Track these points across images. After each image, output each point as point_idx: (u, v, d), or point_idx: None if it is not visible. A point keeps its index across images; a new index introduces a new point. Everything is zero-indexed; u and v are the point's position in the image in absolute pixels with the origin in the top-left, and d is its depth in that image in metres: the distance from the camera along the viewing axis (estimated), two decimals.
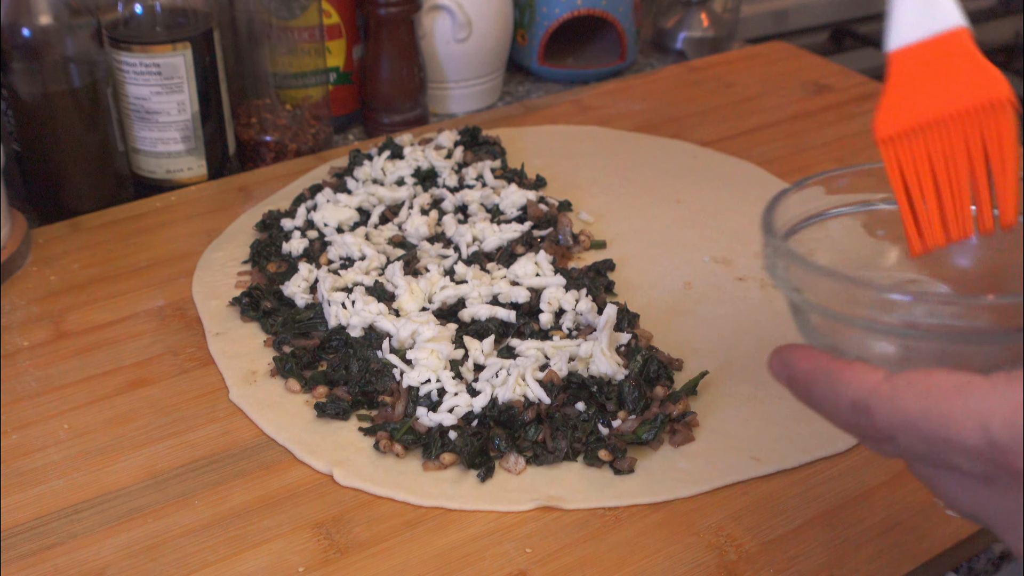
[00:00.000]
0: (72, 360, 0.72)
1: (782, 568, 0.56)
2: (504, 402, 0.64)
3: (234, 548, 0.58)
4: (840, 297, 0.42)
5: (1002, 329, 0.39)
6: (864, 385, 0.39)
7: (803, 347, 0.42)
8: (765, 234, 0.47)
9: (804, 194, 0.49)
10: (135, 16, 0.86)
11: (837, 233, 0.50)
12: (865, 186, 0.50)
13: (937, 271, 0.49)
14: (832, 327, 0.43)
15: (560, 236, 0.81)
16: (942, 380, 0.37)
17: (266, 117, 0.96)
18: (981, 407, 0.36)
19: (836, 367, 0.40)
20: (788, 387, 0.42)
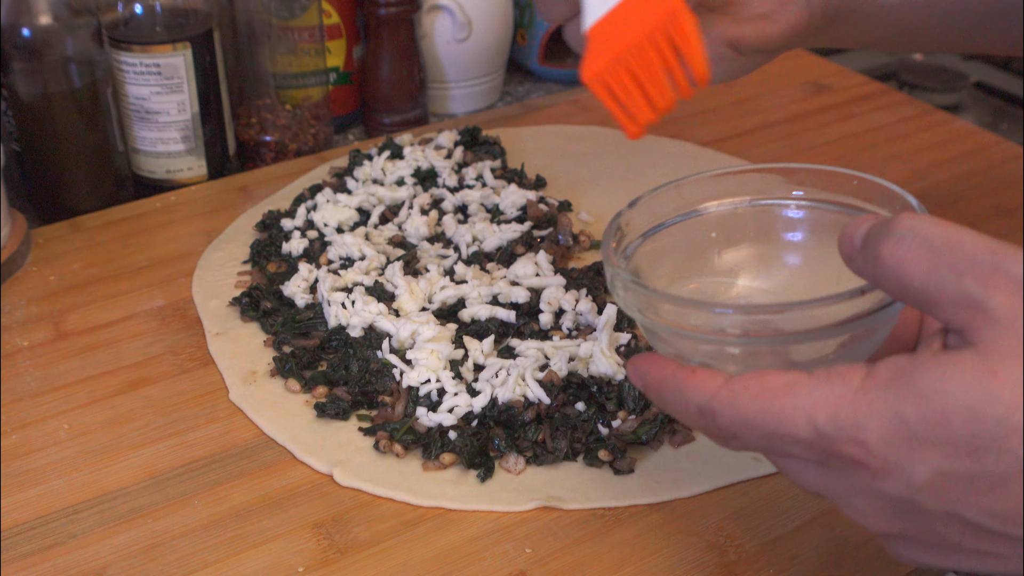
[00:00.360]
0: (72, 360, 0.72)
1: (782, 568, 0.56)
2: (504, 402, 0.64)
3: (234, 548, 0.58)
4: (673, 314, 0.46)
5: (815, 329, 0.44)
6: (706, 391, 0.43)
7: (653, 357, 0.46)
8: (604, 258, 0.51)
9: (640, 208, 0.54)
10: (135, 16, 0.86)
11: (675, 240, 0.54)
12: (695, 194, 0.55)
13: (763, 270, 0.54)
14: (673, 338, 0.47)
15: (560, 236, 0.81)
16: (772, 381, 0.42)
17: (266, 117, 0.96)
18: (807, 403, 0.40)
19: (681, 375, 0.45)
20: (644, 392, 0.47)
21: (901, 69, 1.39)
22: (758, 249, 0.54)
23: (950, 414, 0.38)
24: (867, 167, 0.93)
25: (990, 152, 0.96)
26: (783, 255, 0.54)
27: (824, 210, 0.53)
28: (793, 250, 0.54)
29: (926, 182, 0.91)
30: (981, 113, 1.38)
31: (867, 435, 0.39)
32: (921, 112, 1.03)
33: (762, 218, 0.54)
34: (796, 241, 0.54)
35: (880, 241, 0.41)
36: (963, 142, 0.97)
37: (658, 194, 0.54)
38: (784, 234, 0.54)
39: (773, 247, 0.54)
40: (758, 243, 0.55)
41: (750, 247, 0.55)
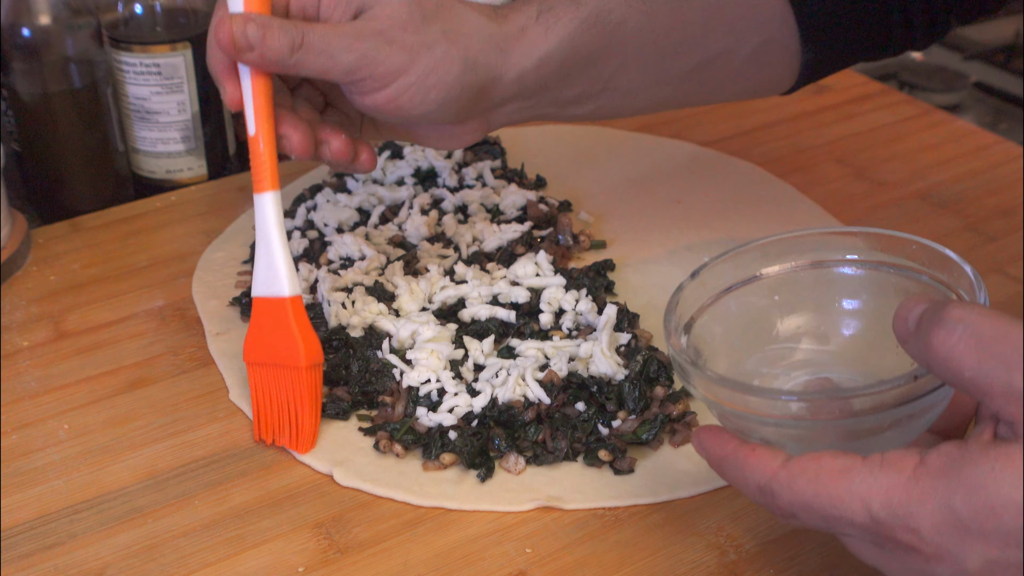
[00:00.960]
0: (72, 360, 0.72)
1: (782, 568, 0.56)
2: (504, 402, 0.64)
3: (234, 548, 0.58)
4: (734, 397, 0.49)
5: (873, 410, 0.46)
6: (766, 471, 0.46)
7: (716, 432, 0.49)
8: (666, 339, 0.53)
9: (700, 280, 0.56)
10: (135, 16, 0.86)
11: (735, 308, 0.56)
12: (753, 261, 0.56)
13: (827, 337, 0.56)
14: (734, 418, 0.50)
15: (560, 236, 0.81)
16: (828, 465, 0.44)
17: None
18: (862, 490, 0.43)
19: (743, 453, 0.47)
20: (708, 463, 0.50)
21: (901, 69, 1.39)
22: (818, 312, 0.56)
23: (999, 508, 0.40)
24: (867, 167, 0.93)
25: (990, 152, 0.96)
26: (844, 317, 0.56)
27: (883, 272, 0.54)
28: (854, 312, 0.55)
29: (926, 182, 0.91)
30: (981, 113, 1.38)
31: (919, 523, 0.42)
32: (921, 112, 1.03)
33: (821, 281, 0.56)
34: (856, 303, 0.55)
35: (931, 329, 0.43)
36: (963, 142, 0.97)
37: (717, 264, 0.56)
38: (844, 296, 0.56)
39: (833, 309, 0.56)
40: (818, 306, 0.56)
41: (810, 310, 0.56)
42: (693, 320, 0.55)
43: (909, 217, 0.86)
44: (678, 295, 0.54)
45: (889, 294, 0.54)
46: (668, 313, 0.54)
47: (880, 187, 0.91)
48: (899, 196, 0.89)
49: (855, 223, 0.85)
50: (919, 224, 0.85)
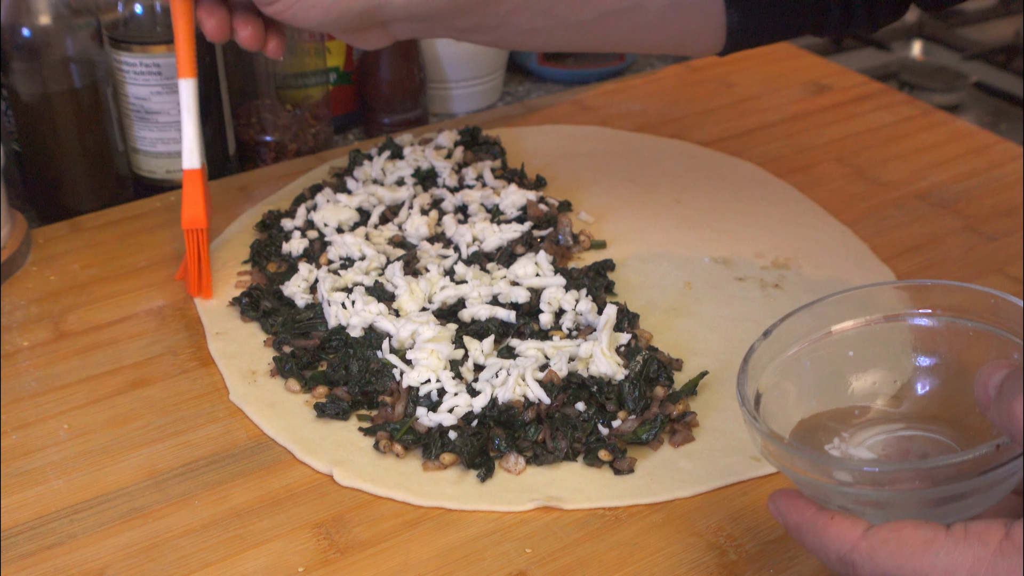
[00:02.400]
0: (72, 360, 0.72)
1: (782, 568, 0.56)
2: (504, 402, 0.64)
3: (234, 548, 0.58)
4: (809, 466, 0.48)
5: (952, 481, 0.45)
6: (846, 541, 0.45)
7: (794, 497, 0.48)
8: (740, 405, 0.51)
9: (773, 338, 0.54)
10: (135, 16, 0.86)
11: (809, 365, 0.55)
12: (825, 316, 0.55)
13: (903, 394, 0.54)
14: (812, 488, 0.48)
15: (560, 236, 0.81)
16: (911, 536, 0.44)
17: (266, 117, 0.96)
18: (946, 564, 0.42)
19: (821, 522, 0.46)
20: (785, 528, 0.49)
21: (901, 69, 1.39)
22: (893, 368, 0.55)
23: None
24: (867, 167, 0.93)
25: (990, 152, 0.96)
26: (919, 373, 0.54)
27: (960, 327, 0.53)
28: (929, 368, 0.54)
29: (926, 182, 0.91)
30: (981, 113, 1.38)
31: None
32: (921, 112, 1.03)
33: (895, 336, 0.55)
34: (931, 359, 0.54)
35: (1014, 396, 0.42)
36: (963, 142, 0.97)
37: (788, 322, 0.54)
38: (919, 351, 0.54)
39: (908, 365, 0.54)
40: (893, 362, 0.55)
41: (885, 367, 0.55)
42: (763, 384, 0.54)
43: (909, 217, 0.86)
44: (751, 355, 0.53)
45: (965, 349, 0.53)
46: (741, 376, 0.52)
47: (880, 187, 0.91)
48: (899, 196, 0.89)
49: (855, 223, 0.85)
50: (919, 224, 0.85)
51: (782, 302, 0.76)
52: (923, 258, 0.81)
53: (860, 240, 0.83)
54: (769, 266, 0.80)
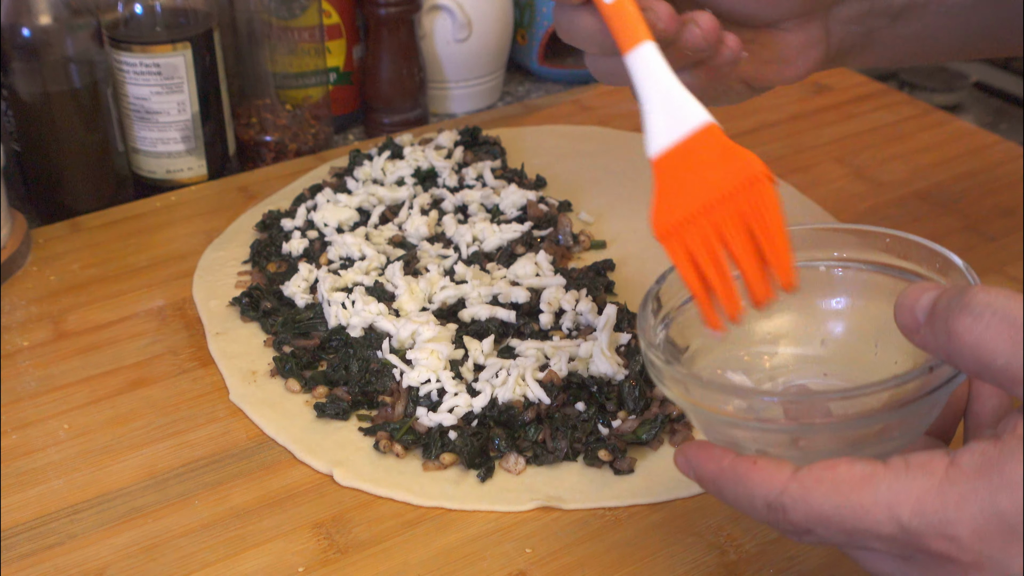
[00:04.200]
0: (72, 360, 0.72)
1: (782, 568, 0.56)
2: (504, 402, 0.64)
3: (234, 548, 0.58)
4: (719, 401, 0.44)
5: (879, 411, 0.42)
6: (774, 485, 0.41)
7: (706, 447, 0.44)
8: (639, 336, 0.48)
9: (672, 281, 0.51)
10: (135, 16, 0.86)
11: None
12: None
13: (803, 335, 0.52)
14: (722, 426, 0.45)
15: (560, 236, 0.81)
16: (847, 473, 0.40)
17: (266, 117, 0.96)
18: (888, 498, 0.39)
19: (742, 468, 0.42)
20: (698, 484, 0.44)
21: (901, 69, 1.39)
22: (795, 313, 0.52)
23: None
24: (867, 167, 0.93)
25: (990, 152, 0.96)
26: (821, 318, 0.52)
27: (859, 270, 0.51)
28: (831, 312, 0.52)
29: (926, 182, 0.91)
30: (981, 113, 1.38)
31: (958, 530, 0.38)
32: (921, 112, 1.03)
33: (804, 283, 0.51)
34: (833, 302, 0.52)
35: (953, 317, 0.39)
36: (963, 142, 0.97)
37: None
38: (819, 296, 0.52)
39: (810, 310, 0.52)
40: (794, 306, 0.53)
41: (786, 311, 0.53)
42: (670, 319, 0.51)
43: (909, 217, 0.86)
44: (655, 289, 0.51)
45: (866, 292, 0.51)
46: (642, 309, 0.49)
47: (880, 187, 0.91)
48: (899, 196, 0.89)
49: (855, 223, 0.85)
50: (919, 224, 0.85)
51: (781, 302, 0.76)
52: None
53: None
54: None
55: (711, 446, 0.44)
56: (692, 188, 0.49)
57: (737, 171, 0.48)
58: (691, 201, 0.49)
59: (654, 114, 0.51)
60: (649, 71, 0.51)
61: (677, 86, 0.51)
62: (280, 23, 0.94)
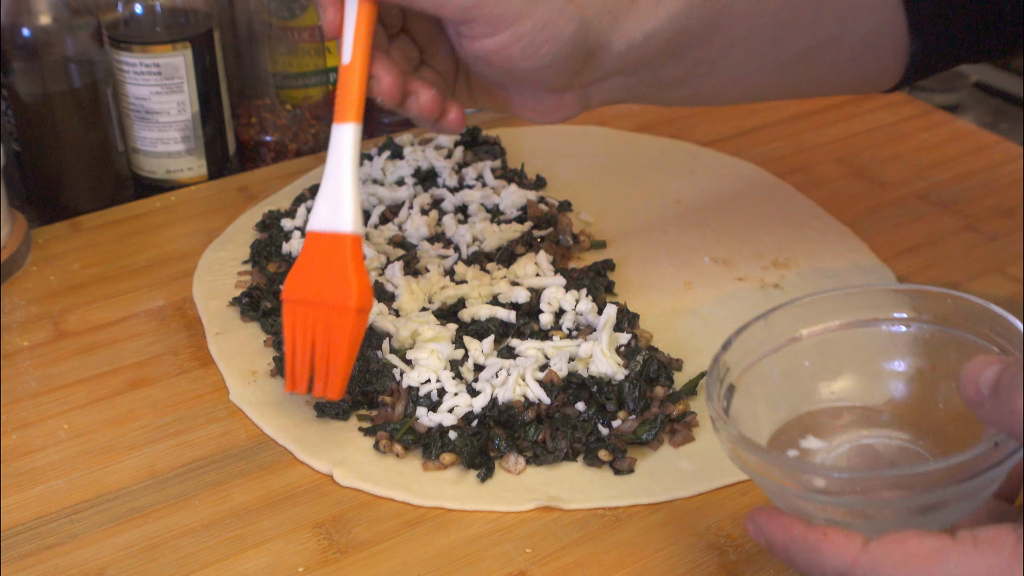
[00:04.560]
0: (72, 360, 0.72)
1: (782, 568, 0.56)
2: (504, 402, 0.64)
3: (234, 548, 0.58)
4: (790, 475, 0.45)
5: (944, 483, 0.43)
6: (845, 558, 0.42)
7: (776, 515, 0.45)
8: (709, 408, 0.50)
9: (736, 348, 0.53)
10: (135, 16, 0.86)
11: (778, 371, 0.54)
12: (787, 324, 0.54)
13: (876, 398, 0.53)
14: (794, 499, 0.46)
15: (560, 236, 0.81)
16: (916, 548, 0.41)
17: (266, 117, 0.96)
18: (958, 574, 0.40)
19: (813, 539, 0.43)
20: (768, 550, 0.45)
21: None
22: (859, 373, 0.54)
23: None
24: (867, 167, 0.93)
25: (990, 152, 0.96)
26: (885, 378, 0.53)
27: (933, 333, 0.52)
28: (894, 372, 0.53)
29: (926, 182, 0.91)
30: (981, 113, 1.38)
31: None
32: (921, 112, 1.03)
33: (867, 342, 0.54)
34: (896, 362, 0.53)
35: (1014, 391, 0.40)
36: (963, 142, 0.97)
37: (751, 330, 0.53)
38: (882, 356, 0.53)
39: (874, 370, 0.54)
40: (858, 366, 0.54)
41: (855, 373, 0.54)
42: (734, 387, 0.52)
43: (909, 217, 0.86)
44: (721, 355, 0.52)
45: (938, 354, 0.52)
46: (710, 376, 0.51)
47: (880, 187, 0.91)
48: (899, 196, 0.89)
49: (855, 223, 0.85)
50: (919, 224, 0.85)
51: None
52: (923, 258, 0.81)
53: (860, 240, 0.83)
54: (769, 266, 0.80)
55: (780, 514, 0.45)
56: (316, 278, 0.59)
57: (339, 291, 0.58)
58: (310, 288, 0.59)
59: (324, 195, 0.60)
60: (341, 152, 0.60)
61: (351, 184, 0.59)
62: (280, 23, 0.94)
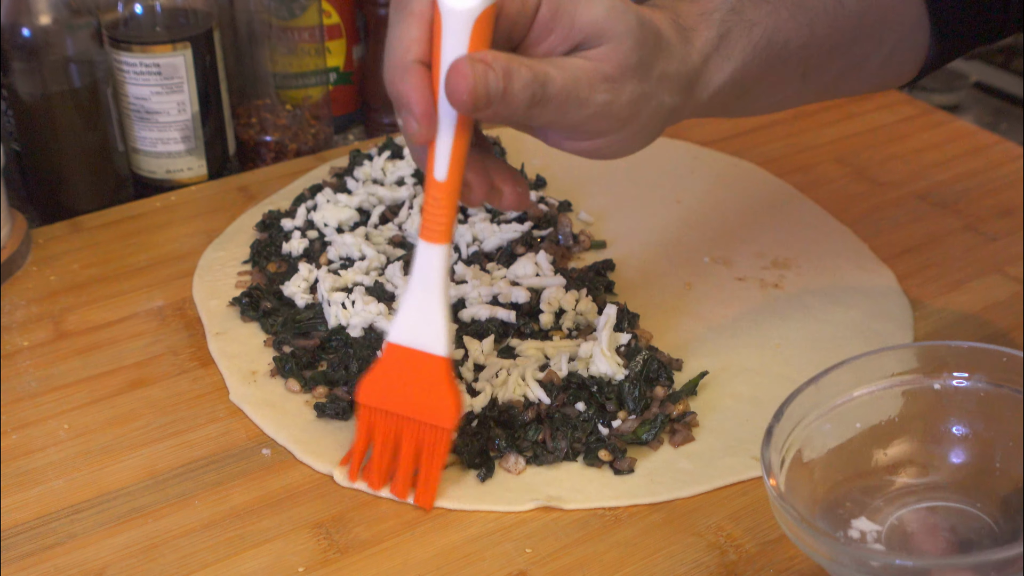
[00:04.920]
0: (72, 360, 0.72)
1: (782, 568, 0.56)
2: (504, 402, 0.64)
3: (234, 548, 0.58)
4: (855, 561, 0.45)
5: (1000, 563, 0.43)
6: None
7: None
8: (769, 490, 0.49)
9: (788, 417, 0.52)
10: (135, 16, 0.86)
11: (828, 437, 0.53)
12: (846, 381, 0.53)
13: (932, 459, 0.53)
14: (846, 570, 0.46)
15: (560, 236, 0.81)
16: None
17: (266, 117, 0.96)
18: None
19: None
20: None
21: None
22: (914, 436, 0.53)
23: None
24: (867, 167, 0.93)
25: (990, 152, 0.96)
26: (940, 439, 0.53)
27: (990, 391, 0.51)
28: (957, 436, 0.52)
29: (926, 182, 0.91)
30: (981, 113, 1.38)
31: None
32: (921, 112, 1.03)
33: (921, 402, 0.53)
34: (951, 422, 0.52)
35: None
36: (963, 142, 0.97)
37: (802, 396, 0.52)
38: (937, 417, 0.53)
39: (929, 432, 0.53)
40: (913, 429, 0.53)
41: (910, 434, 0.53)
42: (787, 459, 0.51)
43: (909, 217, 0.86)
44: (774, 424, 0.50)
45: (996, 414, 0.51)
46: (765, 451, 0.50)
47: (880, 187, 0.91)
48: (899, 196, 0.89)
49: (855, 223, 0.85)
50: (919, 224, 0.85)
51: (782, 302, 0.76)
52: (923, 258, 0.81)
53: (860, 240, 0.83)
54: (769, 266, 0.80)
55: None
56: (402, 391, 0.58)
57: (436, 411, 0.57)
58: (394, 399, 0.58)
59: (409, 310, 0.57)
60: (431, 272, 0.56)
61: (442, 306, 0.56)
62: (280, 23, 0.94)
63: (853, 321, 0.74)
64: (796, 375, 0.69)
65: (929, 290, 0.78)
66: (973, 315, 0.75)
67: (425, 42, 0.51)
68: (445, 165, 0.53)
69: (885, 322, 0.74)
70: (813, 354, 0.71)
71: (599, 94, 0.53)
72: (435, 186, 0.53)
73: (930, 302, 0.76)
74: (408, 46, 0.51)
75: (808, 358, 0.70)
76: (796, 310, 0.75)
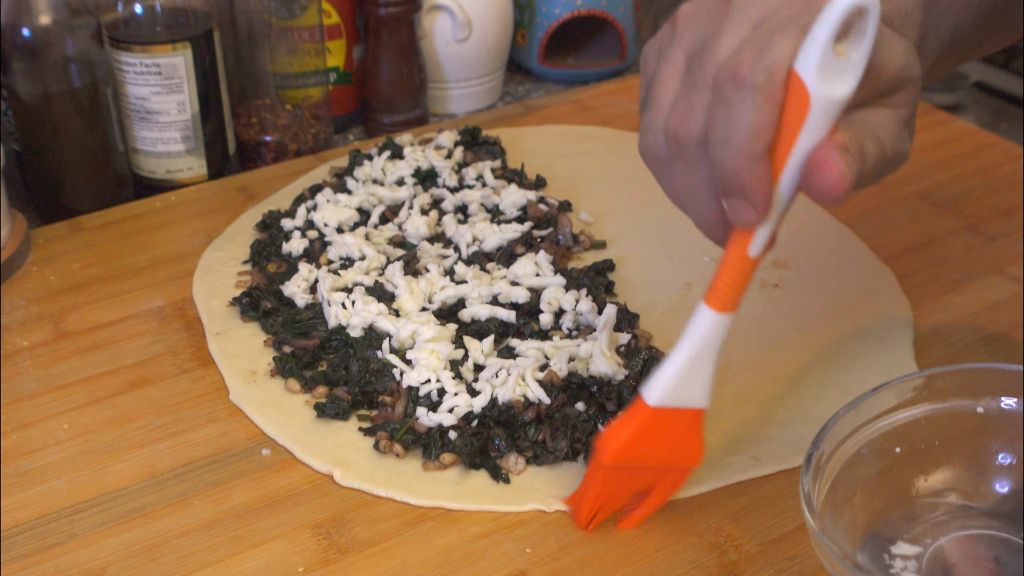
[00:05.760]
0: (72, 360, 0.72)
1: (782, 568, 0.56)
2: (504, 402, 0.64)
3: (234, 548, 0.58)
4: None
5: None
6: None
7: None
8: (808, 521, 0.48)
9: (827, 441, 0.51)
10: (135, 16, 0.86)
11: (868, 463, 0.52)
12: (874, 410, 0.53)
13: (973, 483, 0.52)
14: None
15: (560, 236, 0.81)
16: None
17: (266, 117, 0.96)
18: None
19: None
20: None
21: None
22: (955, 462, 0.52)
23: None
24: None
25: (990, 152, 0.96)
26: (981, 464, 0.52)
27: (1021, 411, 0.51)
28: (999, 461, 0.52)
29: (926, 182, 0.91)
30: (981, 113, 1.38)
31: None
32: (921, 112, 1.03)
33: (961, 427, 0.52)
34: (1001, 451, 0.52)
35: None
36: (963, 142, 0.97)
37: (841, 422, 0.51)
38: (978, 441, 0.52)
39: (977, 459, 0.52)
40: (955, 454, 0.52)
41: (947, 462, 0.52)
42: (824, 488, 0.50)
43: (909, 217, 0.86)
44: (814, 452, 0.50)
45: None
46: (803, 476, 0.49)
47: (880, 187, 0.91)
48: (899, 196, 0.89)
49: (855, 223, 0.85)
50: (919, 224, 0.85)
51: (782, 302, 0.76)
52: (923, 258, 0.81)
53: (860, 240, 0.83)
54: (769, 266, 0.80)
55: None
56: (656, 446, 0.56)
57: (686, 456, 0.57)
58: (644, 455, 0.56)
59: (679, 374, 0.54)
60: (709, 336, 0.54)
61: (710, 366, 0.54)
62: (280, 23, 0.94)
63: (853, 321, 0.74)
64: (796, 375, 0.69)
65: (929, 290, 0.78)
66: (973, 315, 0.75)
67: (775, 128, 0.48)
68: (762, 244, 0.51)
69: (885, 322, 0.74)
70: (813, 354, 0.71)
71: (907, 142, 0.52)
72: (745, 261, 0.51)
73: (930, 302, 0.76)
74: (760, 133, 0.47)
75: (808, 358, 0.70)
76: (796, 310, 0.75)
